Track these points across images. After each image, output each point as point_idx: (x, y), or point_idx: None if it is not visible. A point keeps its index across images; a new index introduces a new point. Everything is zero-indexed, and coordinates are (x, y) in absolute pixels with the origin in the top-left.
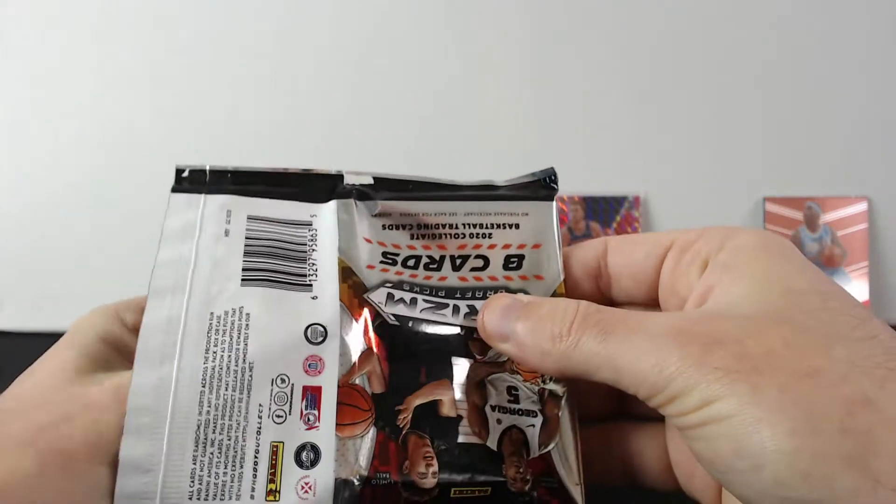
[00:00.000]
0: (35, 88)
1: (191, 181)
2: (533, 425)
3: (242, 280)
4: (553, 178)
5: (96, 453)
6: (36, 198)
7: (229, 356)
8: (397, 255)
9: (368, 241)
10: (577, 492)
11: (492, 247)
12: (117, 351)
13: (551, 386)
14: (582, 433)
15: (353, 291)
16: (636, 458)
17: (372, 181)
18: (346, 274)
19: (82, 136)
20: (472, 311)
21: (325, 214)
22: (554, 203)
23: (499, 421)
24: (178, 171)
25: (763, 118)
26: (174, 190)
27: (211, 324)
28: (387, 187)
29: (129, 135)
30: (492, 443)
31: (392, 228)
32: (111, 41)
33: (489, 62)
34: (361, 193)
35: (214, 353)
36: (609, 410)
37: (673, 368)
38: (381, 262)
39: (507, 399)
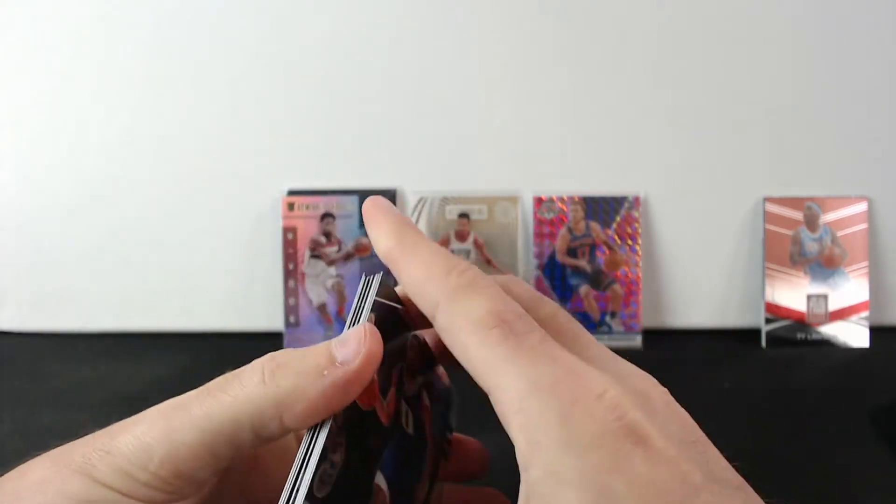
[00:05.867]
0: (35, 88)
1: None
2: None
3: None
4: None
5: None
6: (36, 197)
7: None
8: None
9: None
10: None
11: None
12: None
13: None
14: None
15: None
16: None
17: None
18: None
19: (82, 136)
20: None
21: None
22: None
23: None
24: None
25: (763, 118)
26: None
27: None
28: None
29: (130, 135)
30: None
31: None
32: (112, 41)
33: (489, 62)
34: None
35: None
36: None
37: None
38: None
39: None
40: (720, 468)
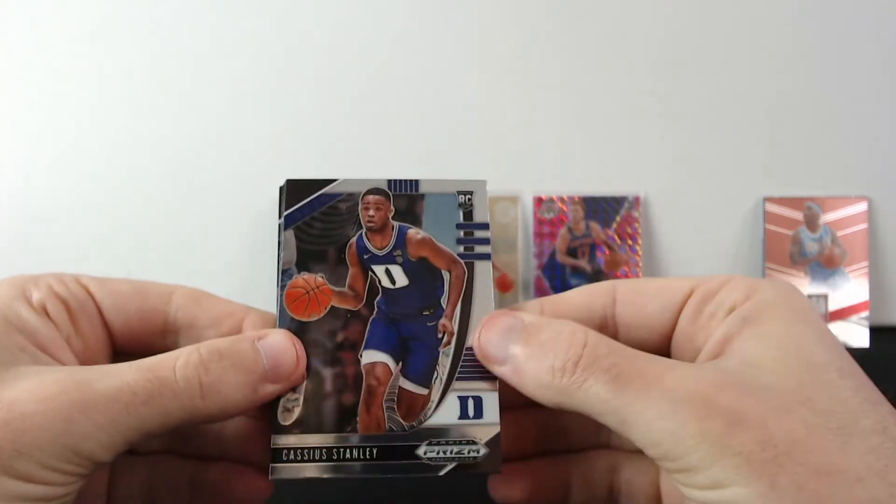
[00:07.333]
0: (35, 88)
1: None
2: None
3: None
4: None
5: None
6: (36, 198)
7: None
8: None
9: None
10: None
11: None
12: (22, 335)
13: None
14: (566, 459)
15: None
16: (624, 487)
17: None
18: None
19: (82, 136)
20: None
21: None
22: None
23: None
24: None
25: (763, 118)
26: None
27: None
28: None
29: (129, 135)
30: None
31: None
32: (111, 41)
33: (488, 61)
34: None
35: None
36: (592, 443)
37: (691, 442)
38: None
39: None
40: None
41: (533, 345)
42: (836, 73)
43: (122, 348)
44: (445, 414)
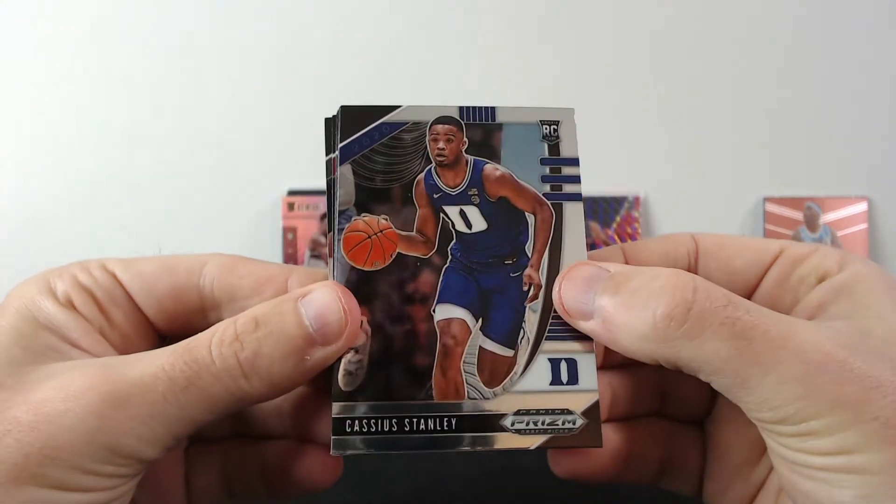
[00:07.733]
0: (36, 89)
1: None
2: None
3: None
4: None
5: (21, 474)
6: (36, 197)
7: None
8: None
9: None
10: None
11: None
12: (51, 333)
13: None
14: (627, 427)
15: None
16: (672, 459)
17: None
18: None
19: (83, 136)
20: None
21: None
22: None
23: None
24: None
25: (763, 118)
26: None
27: None
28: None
29: (130, 136)
30: None
31: None
32: (113, 43)
33: (489, 62)
34: None
35: None
36: (646, 411)
37: (825, 406)
38: None
39: None
40: None
41: (624, 293)
42: (835, 73)
43: (166, 333)
44: (535, 379)
